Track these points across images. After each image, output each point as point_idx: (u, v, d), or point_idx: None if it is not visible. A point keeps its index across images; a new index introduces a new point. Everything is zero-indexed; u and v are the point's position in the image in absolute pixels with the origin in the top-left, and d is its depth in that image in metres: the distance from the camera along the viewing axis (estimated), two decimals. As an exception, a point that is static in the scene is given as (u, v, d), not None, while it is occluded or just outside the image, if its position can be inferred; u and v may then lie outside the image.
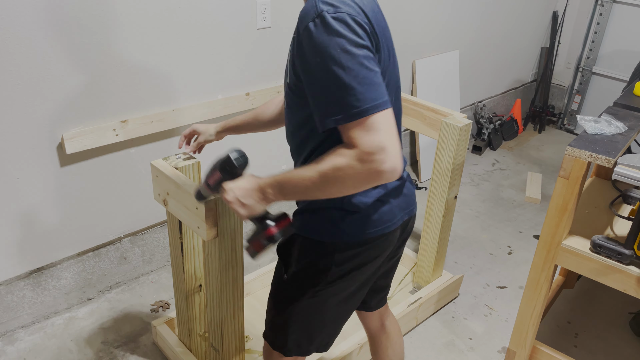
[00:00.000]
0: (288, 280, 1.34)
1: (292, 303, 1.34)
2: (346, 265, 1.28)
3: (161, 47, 2.14)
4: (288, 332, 1.38)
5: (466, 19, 3.52)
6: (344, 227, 1.24)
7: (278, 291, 1.39)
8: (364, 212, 1.23)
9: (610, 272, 1.65)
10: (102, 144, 2.08)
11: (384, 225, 1.26)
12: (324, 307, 1.35)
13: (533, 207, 3.25)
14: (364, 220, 1.24)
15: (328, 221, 1.25)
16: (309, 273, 1.30)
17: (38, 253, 2.11)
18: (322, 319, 1.38)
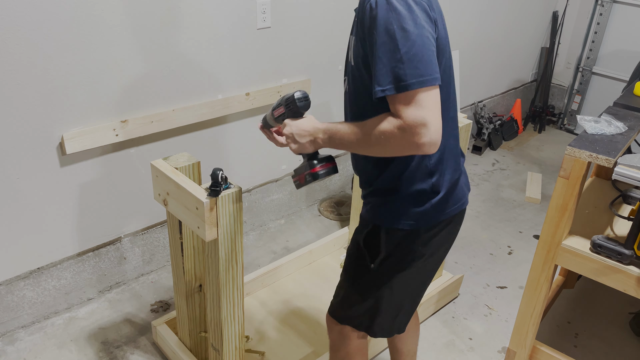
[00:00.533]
0: (376, 267, 1.37)
1: (380, 289, 1.39)
2: (431, 246, 1.36)
3: (161, 47, 2.14)
4: (375, 316, 1.43)
5: (466, 19, 3.52)
6: (428, 210, 1.30)
7: (362, 279, 1.42)
8: (445, 192, 1.31)
9: (610, 272, 1.65)
10: (102, 144, 2.08)
11: (460, 203, 1.36)
12: (409, 288, 1.42)
13: (533, 207, 3.25)
14: (444, 200, 1.31)
15: (414, 207, 1.30)
16: (398, 257, 1.35)
17: (38, 253, 2.11)
18: (407, 299, 1.45)
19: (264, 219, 2.88)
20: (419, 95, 1.07)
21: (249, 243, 2.74)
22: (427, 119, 1.06)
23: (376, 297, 1.40)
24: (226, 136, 2.52)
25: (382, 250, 1.35)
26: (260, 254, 2.68)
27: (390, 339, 1.74)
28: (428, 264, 1.40)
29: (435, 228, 1.34)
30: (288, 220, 2.95)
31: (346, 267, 1.47)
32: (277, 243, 2.77)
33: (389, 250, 1.34)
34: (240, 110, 2.48)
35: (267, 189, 2.82)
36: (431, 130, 1.06)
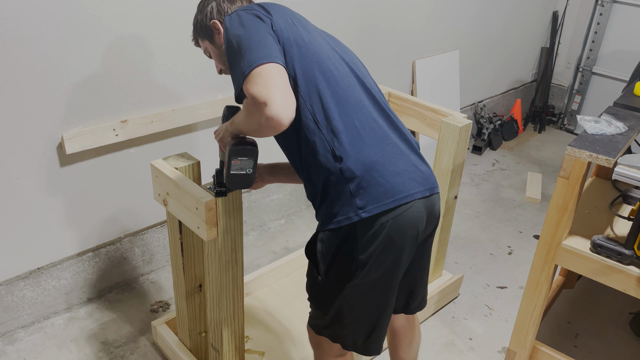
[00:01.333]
0: (323, 280, 1.36)
1: (334, 301, 1.37)
2: (373, 254, 1.29)
3: (161, 47, 2.14)
4: (343, 329, 1.42)
5: (466, 19, 3.52)
6: (354, 201, 1.28)
7: (317, 294, 1.43)
8: (368, 179, 1.27)
9: (610, 272, 1.65)
10: (102, 144, 2.08)
11: (400, 195, 1.29)
12: (368, 302, 1.38)
13: (533, 207, 3.25)
14: (372, 190, 1.27)
15: (338, 200, 1.29)
16: (340, 267, 1.33)
17: (38, 253, 2.11)
18: (370, 311, 1.40)
19: (264, 219, 2.88)
20: (252, 74, 1.17)
21: (249, 243, 2.74)
22: (263, 94, 1.14)
23: (335, 310, 1.39)
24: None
25: (320, 258, 1.35)
26: (260, 254, 2.68)
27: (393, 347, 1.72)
28: (381, 274, 1.33)
29: (370, 231, 1.28)
30: (288, 220, 2.95)
31: (306, 283, 1.47)
32: (277, 243, 2.77)
33: (327, 259, 1.33)
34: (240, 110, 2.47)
35: (267, 189, 2.82)
36: (269, 103, 1.13)
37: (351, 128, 1.29)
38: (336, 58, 1.36)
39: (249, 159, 1.32)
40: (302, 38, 1.32)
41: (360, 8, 2.82)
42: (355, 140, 1.29)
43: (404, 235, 1.32)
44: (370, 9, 2.87)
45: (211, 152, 2.48)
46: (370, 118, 1.33)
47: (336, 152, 1.28)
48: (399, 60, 3.19)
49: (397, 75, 3.23)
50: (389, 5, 2.95)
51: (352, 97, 1.33)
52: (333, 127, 1.29)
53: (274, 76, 1.17)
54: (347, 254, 1.31)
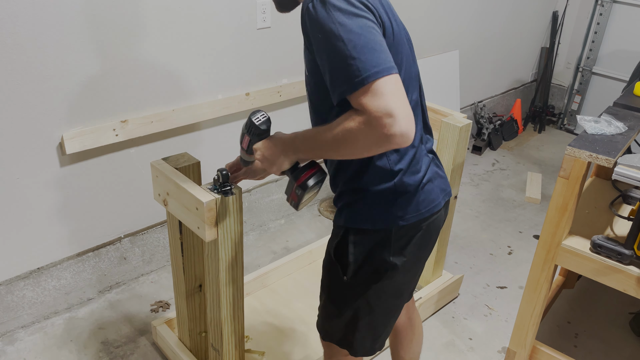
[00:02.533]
0: (349, 280, 1.34)
1: (356, 301, 1.35)
2: (403, 256, 1.30)
3: (161, 47, 2.14)
4: (355, 332, 1.39)
5: (466, 19, 3.52)
6: (395, 211, 1.26)
7: (338, 292, 1.39)
8: (412, 192, 1.26)
9: (610, 272, 1.65)
10: (102, 144, 2.08)
11: (433, 205, 1.30)
12: (386, 303, 1.37)
13: (533, 207, 3.25)
14: (413, 200, 1.27)
15: (378, 206, 1.26)
16: (370, 268, 1.31)
17: (38, 253, 2.11)
18: (386, 315, 1.40)
19: (264, 219, 2.88)
20: (376, 85, 1.01)
21: (249, 243, 2.74)
22: (391, 107, 1.00)
23: (354, 310, 1.37)
24: (226, 136, 2.52)
25: (351, 260, 1.31)
26: (260, 254, 2.68)
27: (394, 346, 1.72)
28: (403, 276, 1.35)
29: (405, 236, 1.29)
30: (288, 220, 2.95)
31: (322, 280, 1.44)
32: (277, 243, 2.77)
33: (358, 261, 1.31)
34: (240, 110, 2.48)
35: (267, 189, 2.82)
36: (399, 118, 1.00)
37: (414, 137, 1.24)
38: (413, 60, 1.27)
39: (320, 185, 1.27)
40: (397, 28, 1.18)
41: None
42: (411, 154, 1.26)
43: (430, 241, 1.36)
44: (370, 9, 2.87)
45: (211, 152, 2.48)
46: (418, 124, 1.29)
47: (394, 167, 1.25)
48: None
49: (397, 75, 3.22)
50: (389, 5, 2.94)
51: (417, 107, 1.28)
52: None
53: (399, 89, 1.03)
54: (379, 256, 1.29)
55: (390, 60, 1.05)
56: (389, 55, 1.05)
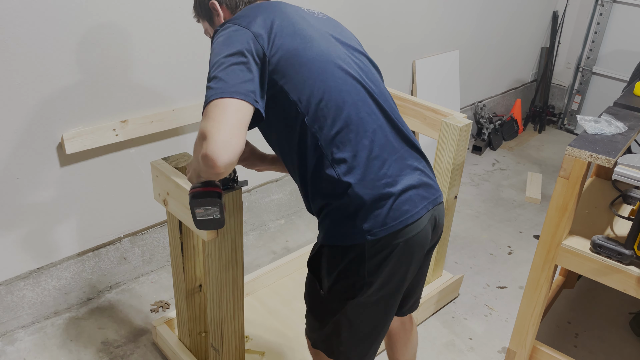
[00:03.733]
0: (326, 295, 1.34)
1: (335, 316, 1.35)
2: (380, 275, 1.27)
3: (161, 47, 2.14)
4: (339, 346, 1.39)
5: (466, 19, 3.52)
6: (360, 224, 1.24)
7: (317, 306, 1.40)
8: (376, 205, 1.23)
9: (610, 272, 1.65)
10: (102, 144, 2.08)
11: (407, 216, 1.26)
12: (367, 317, 1.35)
13: (533, 207, 3.25)
14: (379, 213, 1.24)
15: (344, 221, 1.25)
16: (345, 284, 1.30)
17: (38, 253, 2.11)
18: (367, 330, 1.38)
19: (264, 219, 2.88)
20: (208, 107, 1.10)
21: (249, 243, 2.74)
22: (207, 130, 1.07)
23: (334, 324, 1.36)
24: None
25: (324, 274, 1.31)
26: (260, 254, 2.68)
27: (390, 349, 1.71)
28: (384, 295, 1.32)
29: (380, 253, 1.25)
30: (288, 220, 2.95)
31: (304, 292, 1.45)
32: (277, 243, 2.77)
33: (332, 276, 1.30)
34: (240, 110, 2.47)
35: (267, 189, 2.82)
36: (210, 142, 1.05)
37: (360, 150, 1.24)
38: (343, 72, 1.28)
39: (213, 207, 1.25)
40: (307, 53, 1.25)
41: (361, 8, 2.82)
42: (363, 164, 1.24)
43: (411, 257, 1.31)
44: (370, 9, 2.87)
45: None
46: (379, 133, 1.27)
47: (343, 179, 1.23)
48: (399, 60, 3.19)
49: (397, 75, 3.23)
50: (389, 5, 2.95)
51: (360, 114, 1.26)
52: (340, 153, 1.23)
53: (228, 114, 1.09)
54: (354, 272, 1.28)
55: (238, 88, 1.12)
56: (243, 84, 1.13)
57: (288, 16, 1.29)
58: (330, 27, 1.38)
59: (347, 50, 1.34)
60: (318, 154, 1.25)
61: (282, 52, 1.22)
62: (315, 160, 1.25)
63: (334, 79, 1.26)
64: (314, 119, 1.23)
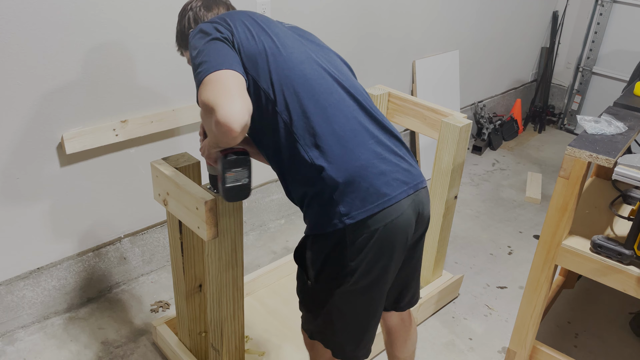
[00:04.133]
0: (313, 285, 1.36)
1: (325, 307, 1.36)
2: (362, 261, 1.29)
3: (161, 47, 2.14)
4: (333, 336, 1.41)
5: (466, 19, 3.52)
6: (337, 209, 1.26)
7: (307, 297, 1.42)
8: (351, 188, 1.25)
9: (610, 272, 1.65)
10: (102, 144, 2.08)
11: (385, 199, 1.27)
12: (356, 306, 1.36)
13: (533, 207, 3.25)
14: (355, 195, 1.25)
15: (322, 207, 1.28)
16: (330, 273, 1.31)
17: (38, 253, 2.11)
18: (359, 318, 1.39)
19: (264, 219, 2.88)
20: (204, 82, 1.17)
21: (249, 243, 2.74)
22: (211, 99, 1.13)
23: (325, 315, 1.38)
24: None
25: (309, 264, 1.34)
26: (260, 254, 2.68)
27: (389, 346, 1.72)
28: (370, 281, 1.33)
29: (361, 237, 1.27)
30: (288, 220, 2.95)
31: (296, 285, 1.47)
32: (277, 243, 2.77)
33: (317, 265, 1.32)
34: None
35: (267, 189, 2.82)
36: (217, 108, 1.11)
37: (330, 134, 1.27)
38: (309, 61, 1.34)
39: (243, 168, 1.29)
40: (273, 46, 1.31)
41: (361, 8, 2.82)
42: (336, 146, 1.27)
43: (393, 243, 1.31)
44: (370, 9, 2.87)
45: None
46: (350, 118, 1.30)
47: (316, 162, 1.26)
48: (399, 60, 3.19)
49: (397, 75, 3.23)
50: (389, 5, 2.95)
51: (329, 99, 1.30)
52: (312, 137, 1.27)
53: (225, 82, 1.16)
54: (337, 260, 1.29)
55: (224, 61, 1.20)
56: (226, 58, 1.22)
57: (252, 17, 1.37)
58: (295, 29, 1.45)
59: (313, 46, 1.41)
60: (291, 140, 1.28)
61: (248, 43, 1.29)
62: (289, 148, 1.29)
63: (302, 68, 1.31)
64: (284, 106, 1.28)
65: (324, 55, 1.40)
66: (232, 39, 1.28)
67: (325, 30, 2.71)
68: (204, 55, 1.22)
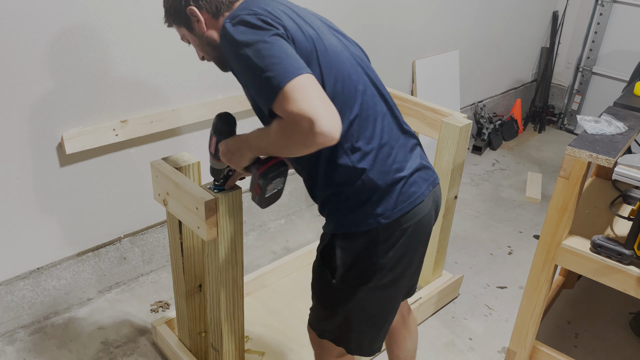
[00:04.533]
0: (337, 283, 1.35)
1: (347, 304, 1.36)
2: (391, 258, 1.32)
3: (161, 47, 2.14)
4: (350, 332, 1.41)
5: (466, 19, 3.52)
6: (373, 209, 1.28)
7: (328, 295, 1.40)
8: (387, 189, 1.28)
9: (610, 272, 1.65)
10: (102, 144, 2.08)
11: (414, 197, 1.31)
12: (378, 302, 1.38)
13: (533, 207, 3.25)
14: (390, 196, 1.28)
15: (357, 208, 1.28)
16: (358, 270, 1.32)
17: (38, 253, 2.11)
18: (379, 314, 1.41)
19: (264, 219, 2.88)
20: (287, 91, 1.06)
21: (249, 243, 2.74)
22: (306, 110, 1.05)
23: (345, 312, 1.38)
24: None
25: (339, 263, 1.33)
26: (260, 254, 2.68)
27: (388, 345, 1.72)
28: (395, 277, 1.36)
29: (392, 236, 1.29)
30: (288, 220, 2.95)
31: (312, 282, 1.45)
32: (277, 243, 2.77)
33: (347, 264, 1.32)
34: (240, 110, 2.48)
35: (267, 189, 2.82)
36: (316, 120, 1.04)
37: (373, 138, 1.27)
38: (348, 57, 1.29)
39: (280, 177, 1.31)
40: (320, 42, 1.23)
41: (361, 8, 2.82)
42: (376, 150, 1.27)
43: (419, 238, 1.36)
44: (370, 9, 2.87)
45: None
46: (385, 121, 1.30)
47: (358, 165, 1.26)
48: (399, 60, 3.19)
49: (397, 75, 3.23)
50: (389, 5, 2.95)
51: (370, 100, 1.29)
52: (354, 139, 1.25)
53: (312, 89, 1.08)
54: (367, 257, 1.31)
55: (295, 64, 1.10)
56: (297, 59, 1.11)
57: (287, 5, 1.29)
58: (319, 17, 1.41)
59: (343, 38, 1.37)
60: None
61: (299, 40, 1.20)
62: (330, 149, 1.25)
63: (344, 65, 1.26)
64: None
65: (354, 48, 1.36)
66: (286, 34, 1.17)
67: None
68: (269, 57, 1.09)
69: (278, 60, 1.09)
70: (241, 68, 1.15)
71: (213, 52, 1.38)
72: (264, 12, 1.17)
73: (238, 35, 1.13)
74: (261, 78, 1.10)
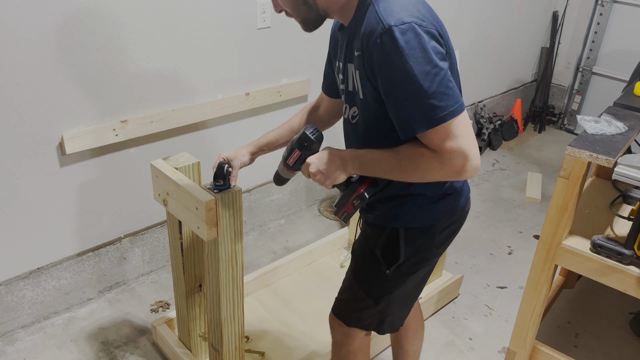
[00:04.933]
0: (391, 274, 1.38)
1: (393, 292, 1.41)
2: (444, 242, 1.41)
3: (161, 47, 2.14)
4: (386, 317, 1.46)
5: (466, 19, 3.52)
6: (441, 208, 1.34)
7: (376, 286, 1.41)
8: (458, 192, 1.36)
9: (610, 272, 1.65)
10: (102, 144, 2.08)
11: (467, 195, 1.41)
12: (417, 287, 1.48)
13: (533, 207, 3.25)
14: (458, 198, 1.37)
15: (430, 207, 1.33)
16: (415, 260, 1.38)
17: (38, 253, 2.11)
18: (414, 297, 1.51)
19: (264, 219, 2.88)
20: (451, 126, 1.07)
21: (249, 243, 2.74)
22: (465, 148, 1.08)
23: (388, 300, 1.42)
24: (226, 136, 2.52)
25: (402, 255, 1.36)
26: (260, 254, 2.68)
27: (397, 339, 1.74)
28: (435, 262, 1.46)
29: (447, 227, 1.38)
30: (288, 220, 2.95)
31: (356, 274, 1.44)
32: (277, 243, 2.77)
33: (408, 255, 1.36)
34: (240, 110, 2.48)
35: (267, 189, 2.82)
36: (470, 157, 1.09)
37: None
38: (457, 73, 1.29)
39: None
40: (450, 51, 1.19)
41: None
42: None
43: (459, 227, 1.45)
44: (370, 9, 2.86)
45: (211, 152, 2.48)
46: None
47: None
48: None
49: (397, 75, 3.22)
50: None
51: None
52: None
53: (469, 126, 1.10)
54: (427, 248, 1.37)
55: (460, 98, 1.09)
56: (458, 92, 1.09)
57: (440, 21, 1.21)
58: None
59: None
60: None
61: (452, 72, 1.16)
62: None
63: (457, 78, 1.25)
64: None
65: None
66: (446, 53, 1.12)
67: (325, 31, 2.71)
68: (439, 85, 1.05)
69: (446, 90, 1.06)
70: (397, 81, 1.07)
71: (309, 13, 1.27)
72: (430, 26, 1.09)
73: (406, 47, 1.04)
74: (423, 103, 1.05)
